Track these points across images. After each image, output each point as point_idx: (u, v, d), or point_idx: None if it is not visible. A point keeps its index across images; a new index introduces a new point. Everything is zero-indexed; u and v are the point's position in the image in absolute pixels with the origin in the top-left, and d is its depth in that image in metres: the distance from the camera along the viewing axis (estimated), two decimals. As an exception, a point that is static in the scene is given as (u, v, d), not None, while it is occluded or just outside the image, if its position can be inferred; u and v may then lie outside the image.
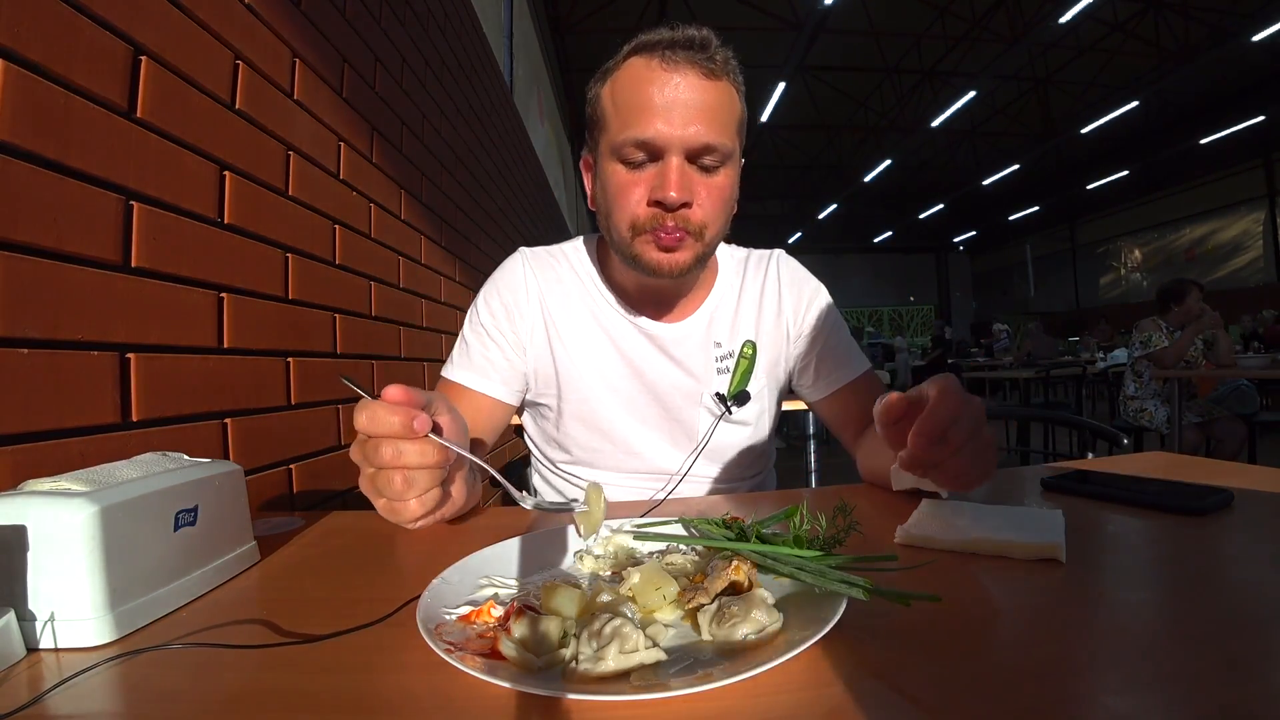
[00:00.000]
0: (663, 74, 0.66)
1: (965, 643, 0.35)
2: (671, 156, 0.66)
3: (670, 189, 0.66)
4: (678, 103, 0.65)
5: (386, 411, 0.45)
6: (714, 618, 0.36)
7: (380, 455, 0.47)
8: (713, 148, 0.67)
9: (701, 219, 0.70)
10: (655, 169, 0.68)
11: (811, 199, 14.14)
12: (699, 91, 0.66)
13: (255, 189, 0.92)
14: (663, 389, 0.83)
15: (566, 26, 6.78)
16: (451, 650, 0.33)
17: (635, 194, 0.69)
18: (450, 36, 2.06)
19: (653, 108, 0.66)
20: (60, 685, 0.32)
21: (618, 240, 0.73)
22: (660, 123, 0.65)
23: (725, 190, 0.71)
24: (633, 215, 0.70)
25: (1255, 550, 0.47)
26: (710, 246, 0.73)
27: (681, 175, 0.66)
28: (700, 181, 0.69)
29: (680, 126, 0.65)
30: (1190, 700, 0.28)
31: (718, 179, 0.70)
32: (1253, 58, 8.12)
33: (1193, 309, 3.20)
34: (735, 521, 0.48)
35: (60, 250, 0.60)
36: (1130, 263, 13.58)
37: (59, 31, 0.60)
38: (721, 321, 0.86)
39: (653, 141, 0.66)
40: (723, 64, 0.68)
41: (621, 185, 0.69)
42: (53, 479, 0.41)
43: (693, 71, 0.66)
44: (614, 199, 0.71)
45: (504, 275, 0.86)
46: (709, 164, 0.68)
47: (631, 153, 0.68)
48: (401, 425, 0.45)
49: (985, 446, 0.52)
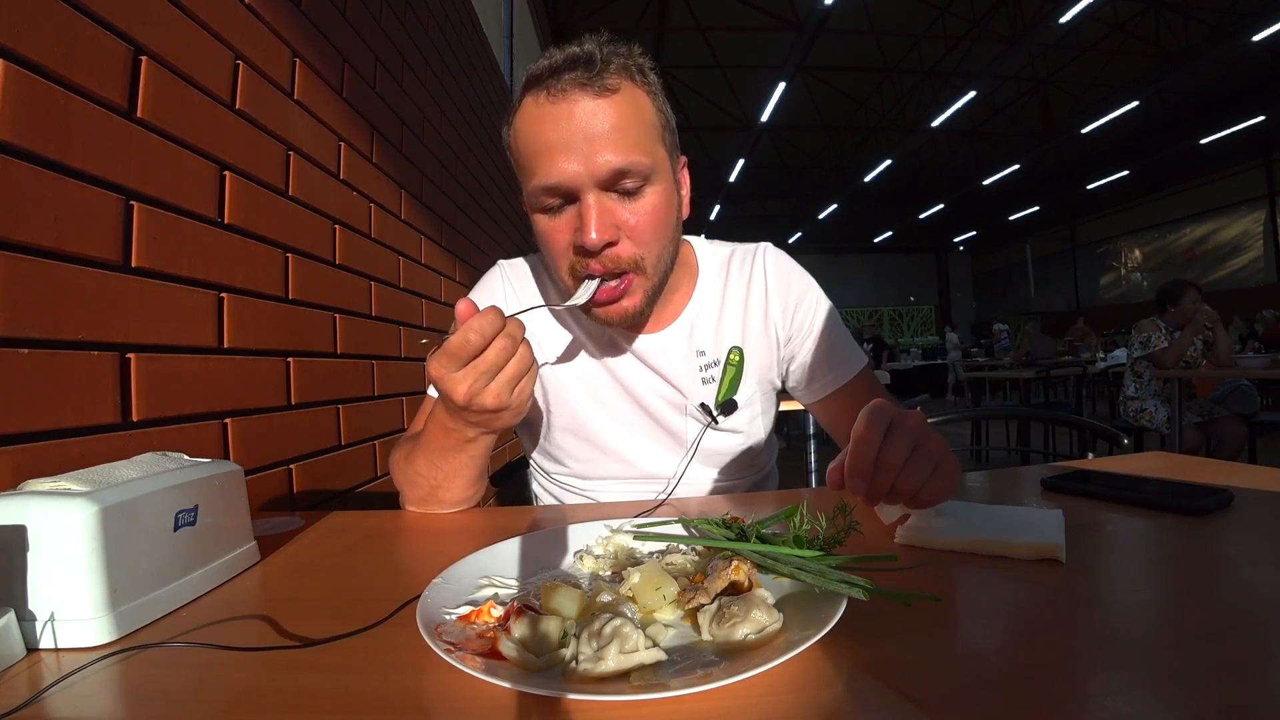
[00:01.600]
0: (552, 109, 0.61)
1: (965, 643, 0.35)
2: (586, 195, 0.62)
3: (590, 233, 0.61)
4: (576, 135, 0.60)
5: (480, 320, 0.52)
6: (714, 618, 0.36)
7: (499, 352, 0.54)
8: (625, 171, 0.62)
9: (633, 253, 0.65)
10: (574, 211, 0.64)
11: (811, 199, 14.13)
12: (594, 115, 0.61)
13: (255, 189, 0.92)
14: (647, 399, 0.81)
15: (566, 26, 6.78)
16: (451, 650, 0.33)
17: (562, 241, 0.65)
18: (450, 36, 2.06)
19: (551, 148, 0.61)
20: (60, 685, 0.32)
21: (564, 289, 0.70)
22: (563, 162, 0.61)
23: (656, 210, 0.65)
24: (568, 262, 0.66)
25: (1255, 550, 0.47)
26: (659, 275, 0.69)
27: (600, 213, 0.62)
28: (623, 210, 0.64)
29: (584, 161, 0.60)
30: (1190, 700, 0.28)
31: (644, 201, 0.64)
32: (1253, 58, 8.12)
33: (1189, 310, 3.19)
34: (735, 521, 0.48)
35: (60, 250, 0.60)
36: (1130, 263, 13.58)
37: (59, 31, 0.60)
38: (704, 329, 0.81)
39: (560, 185, 0.62)
40: (618, 72, 0.62)
41: (547, 234, 0.66)
42: (53, 479, 0.41)
43: (583, 95, 0.61)
44: (546, 249, 0.68)
45: (483, 289, 0.86)
46: (629, 188, 0.63)
47: (546, 200, 0.64)
48: (498, 316, 0.53)
49: (931, 455, 0.49)
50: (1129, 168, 11.78)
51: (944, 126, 9.53)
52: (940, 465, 0.49)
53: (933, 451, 0.49)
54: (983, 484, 0.75)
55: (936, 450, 0.49)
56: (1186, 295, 3.21)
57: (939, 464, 0.49)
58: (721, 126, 10.02)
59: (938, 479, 0.49)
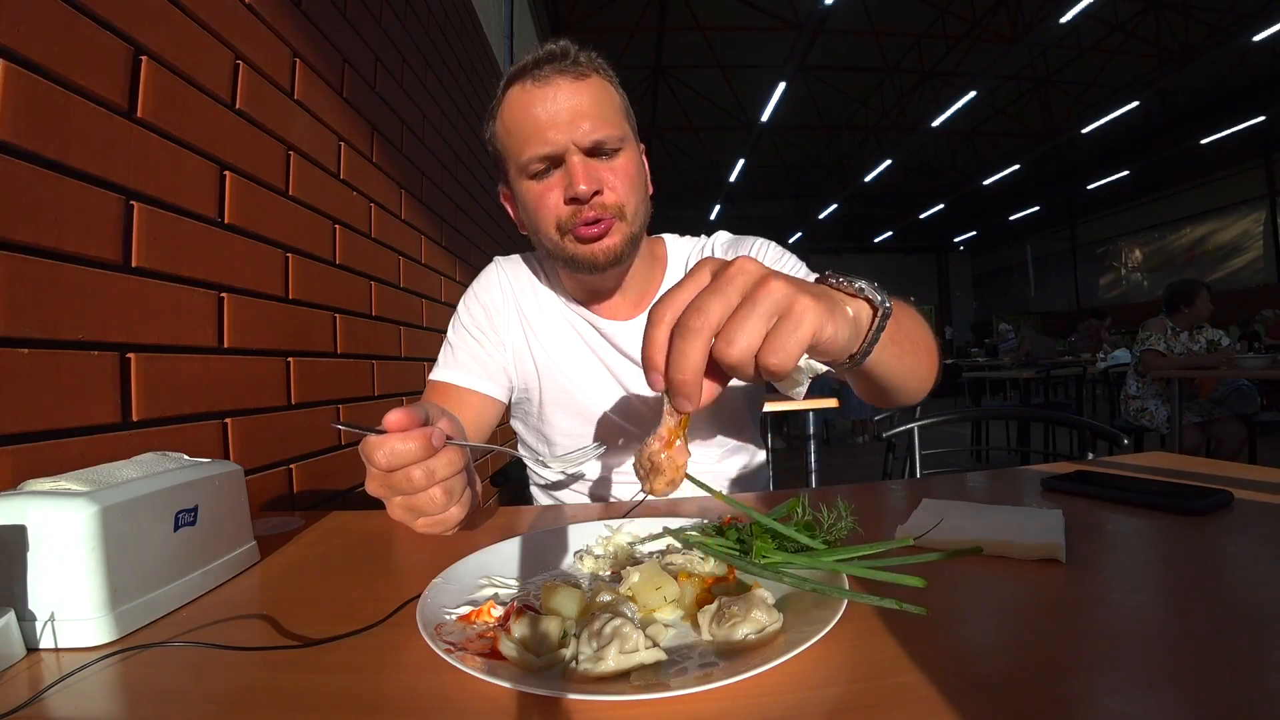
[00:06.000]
0: (538, 92, 0.72)
1: (965, 643, 0.35)
2: (572, 157, 0.72)
3: (579, 184, 0.71)
4: (561, 111, 0.72)
5: (402, 442, 0.45)
6: (714, 618, 0.36)
7: (414, 482, 0.47)
8: (603, 139, 0.73)
9: (617, 199, 0.75)
10: (561, 173, 0.74)
11: (811, 199, 14.12)
12: (575, 94, 0.72)
13: (255, 189, 0.92)
14: (627, 381, 0.87)
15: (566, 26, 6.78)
16: (451, 650, 0.33)
17: (551, 199, 0.74)
18: (450, 36, 2.06)
19: (540, 123, 0.72)
20: (60, 685, 0.32)
21: (551, 247, 0.78)
22: (552, 133, 0.71)
23: (630, 169, 0.76)
24: (555, 217, 0.75)
25: (1255, 550, 0.47)
26: (637, 224, 0.78)
27: (586, 169, 0.72)
28: (604, 168, 0.74)
29: (569, 130, 0.71)
30: (1190, 700, 0.28)
31: (619, 162, 0.75)
32: (1253, 58, 8.11)
33: (1202, 311, 3.17)
34: (731, 525, 0.48)
35: (60, 250, 0.60)
36: (1130, 263, 13.56)
37: (59, 31, 0.60)
38: None
39: (551, 151, 0.72)
40: (588, 64, 0.74)
41: (538, 196, 0.75)
42: (53, 479, 0.41)
43: (563, 79, 0.72)
44: (535, 210, 0.76)
45: (481, 282, 0.93)
46: (608, 150, 0.74)
47: (537, 167, 0.74)
48: (422, 448, 0.46)
49: (766, 302, 0.35)
50: (1129, 168, 11.77)
51: (944, 126, 9.52)
52: (788, 314, 0.35)
53: (770, 297, 0.35)
54: (983, 484, 0.75)
55: (779, 295, 0.35)
56: (1200, 296, 3.17)
57: (785, 313, 0.35)
58: (721, 126, 10.02)
59: (784, 331, 0.35)
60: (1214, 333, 3.25)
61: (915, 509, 0.55)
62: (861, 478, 3.92)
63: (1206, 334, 3.23)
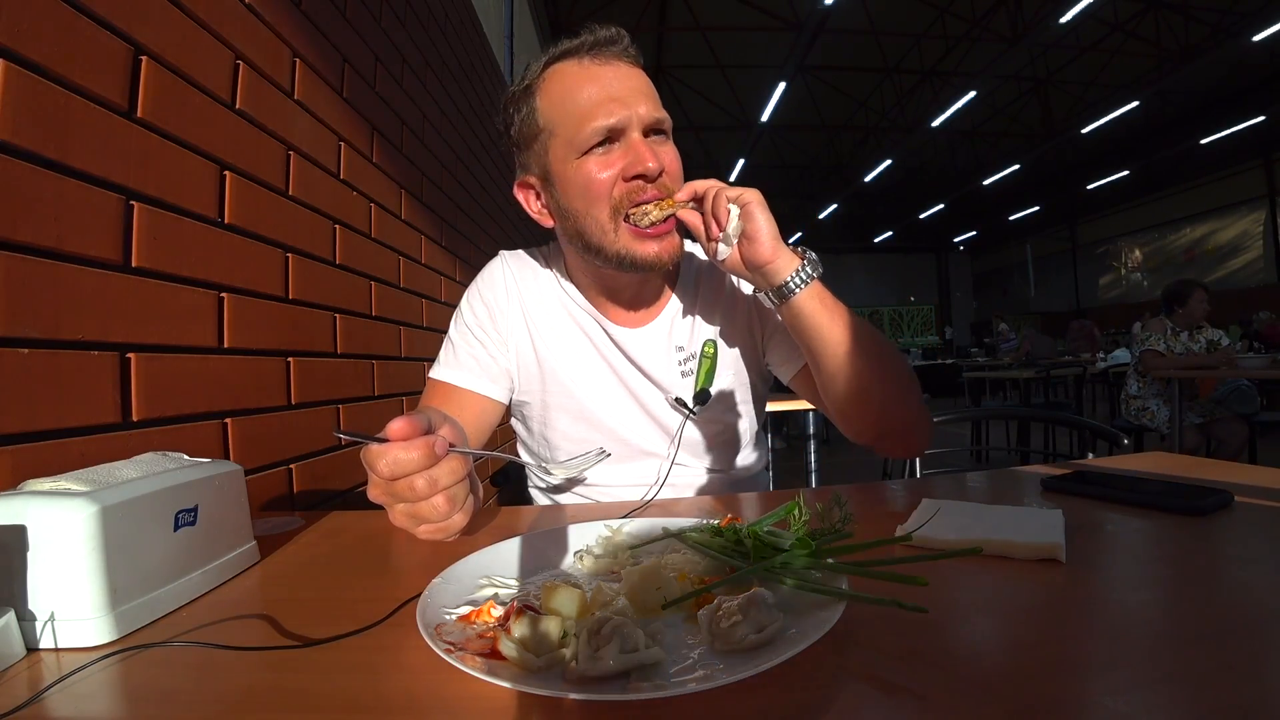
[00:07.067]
0: (597, 69, 0.71)
1: (966, 643, 0.35)
2: (633, 133, 0.71)
3: (648, 160, 0.69)
4: (624, 87, 0.71)
5: (404, 451, 0.45)
6: (714, 618, 0.36)
7: (417, 490, 0.46)
8: (662, 121, 0.73)
9: (672, 184, 0.74)
10: (621, 149, 0.71)
11: (811, 199, 14.12)
12: (634, 77, 0.73)
13: (255, 189, 0.92)
14: (633, 387, 0.85)
15: (566, 27, 6.79)
16: (451, 650, 0.33)
17: (608, 175, 0.71)
18: (450, 36, 2.06)
19: (601, 97, 0.70)
20: (60, 685, 0.32)
21: (597, 237, 0.73)
22: (616, 108, 0.70)
23: (678, 157, 0.76)
24: (612, 197, 0.71)
25: (1255, 550, 0.47)
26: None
27: (650, 146, 0.71)
28: (663, 151, 0.73)
29: (632, 107, 0.70)
30: (1190, 700, 0.28)
31: (670, 148, 0.75)
32: (1253, 58, 8.10)
33: (1196, 311, 3.18)
34: (730, 526, 0.48)
35: (60, 250, 0.60)
36: (1130, 263, 13.56)
37: (59, 31, 0.60)
38: (682, 325, 0.85)
39: (616, 125, 0.70)
40: (637, 55, 0.75)
41: (594, 171, 0.71)
42: (53, 479, 0.41)
43: (622, 61, 0.73)
44: (587, 190, 0.72)
45: (485, 278, 0.89)
46: (665, 132, 0.74)
47: (595, 139, 0.71)
48: (425, 457, 0.46)
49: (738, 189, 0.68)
50: (1129, 168, 11.76)
51: (944, 126, 9.51)
52: (742, 193, 0.68)
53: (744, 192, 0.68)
54: (983, 484, 0.75)
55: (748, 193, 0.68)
56: (1193, 296, 3.18)
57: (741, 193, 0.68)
58: (721, 126, 10.01)
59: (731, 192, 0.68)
60: (1214, 332, 3.25)
61: (915, 509, 0.55)
62: (861, 478, 3.89)
63: (1207, 334, 3.23)
